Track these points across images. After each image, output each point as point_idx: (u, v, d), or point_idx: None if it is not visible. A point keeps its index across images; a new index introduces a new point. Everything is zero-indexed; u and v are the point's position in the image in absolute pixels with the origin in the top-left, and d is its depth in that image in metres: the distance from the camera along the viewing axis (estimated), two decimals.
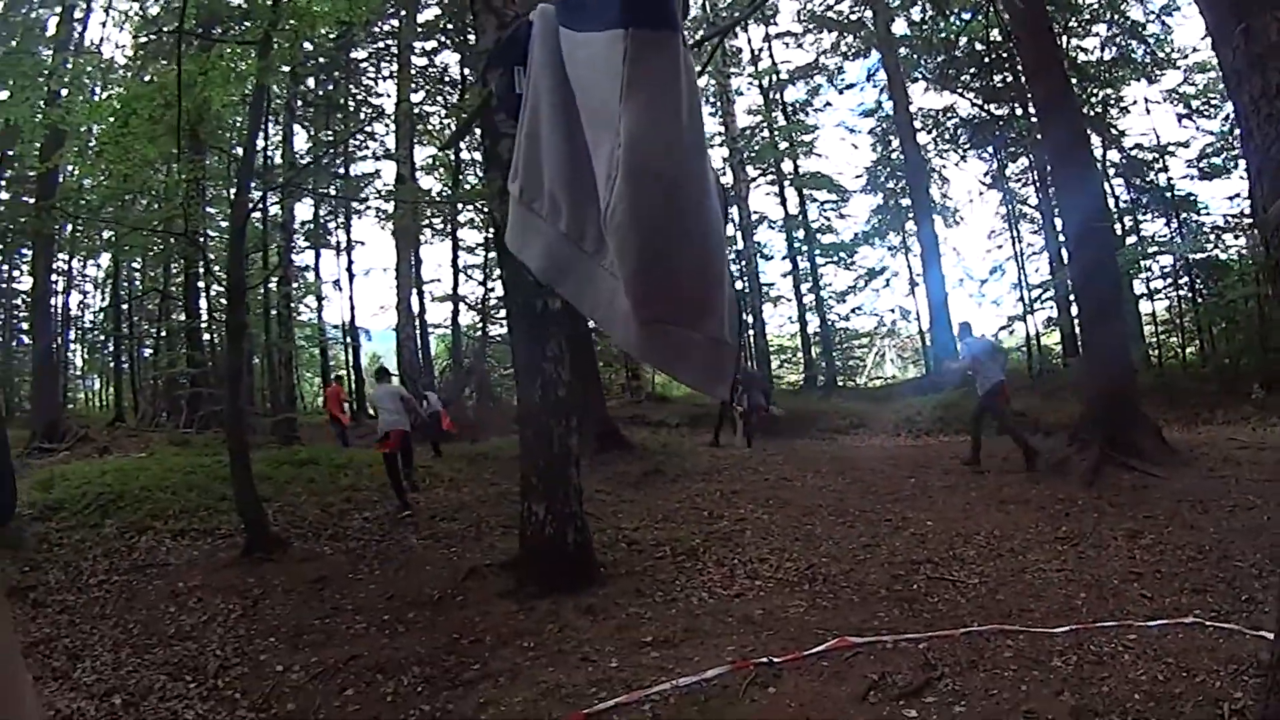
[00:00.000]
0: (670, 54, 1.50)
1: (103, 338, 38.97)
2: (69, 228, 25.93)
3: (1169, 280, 27.41)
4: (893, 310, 40.59)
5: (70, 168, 18.08)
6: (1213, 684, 5.79)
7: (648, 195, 1.49)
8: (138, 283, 37.15)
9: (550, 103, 1.84)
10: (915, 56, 32.22)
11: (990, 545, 10.39)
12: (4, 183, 30.97)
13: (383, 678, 7.45)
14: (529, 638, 8.17)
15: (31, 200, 23.84)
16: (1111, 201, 27.03)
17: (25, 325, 35.33)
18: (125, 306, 36.88)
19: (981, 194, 34.87)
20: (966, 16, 27.49)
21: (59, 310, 35.46)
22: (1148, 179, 27.91)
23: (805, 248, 38.08)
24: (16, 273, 36.41)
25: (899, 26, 32.93)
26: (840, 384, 36.58)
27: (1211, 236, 25.62)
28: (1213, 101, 26.05)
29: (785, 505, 13.26)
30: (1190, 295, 26.73)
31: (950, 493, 13.48)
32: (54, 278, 31.13)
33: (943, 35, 29.19)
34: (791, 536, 11.50)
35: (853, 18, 35.02)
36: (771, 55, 37.39)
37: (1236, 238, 25.13)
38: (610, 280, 1.69)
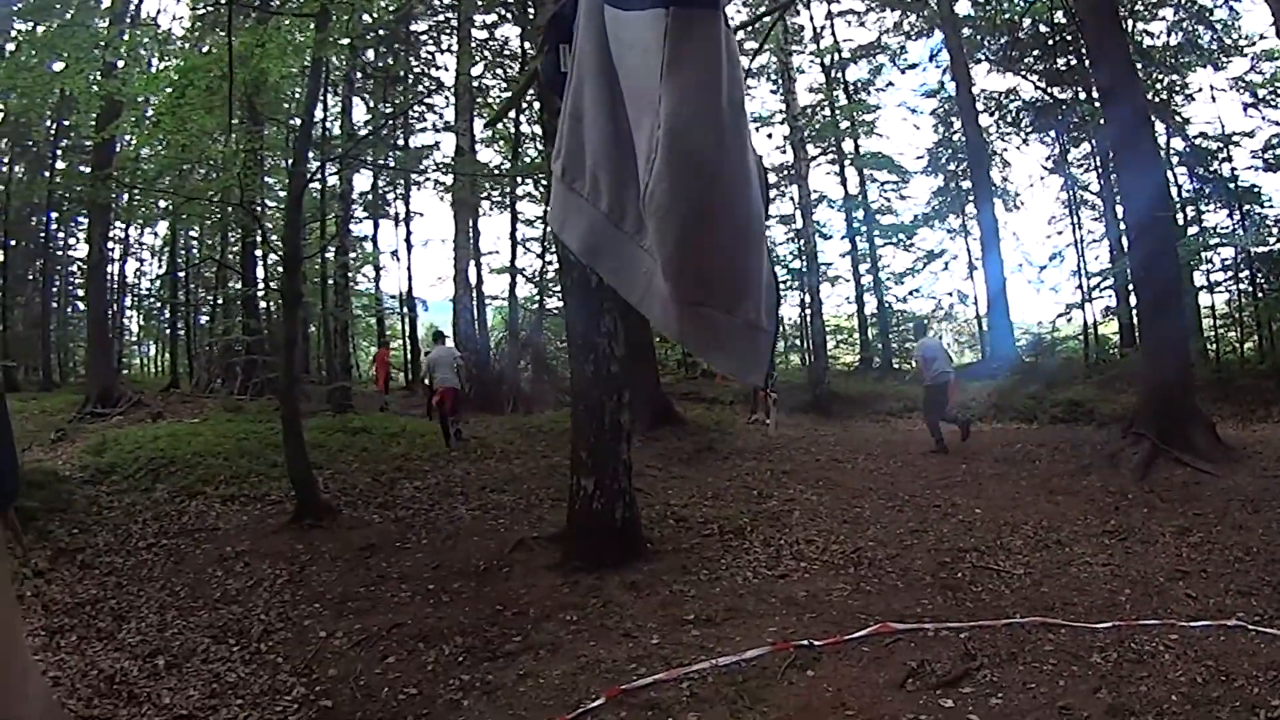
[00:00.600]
0: (711, 33, 1.48)
1: (159, 305, 39.38)
2: (125, 197, 26.20)
3: (1229, 273, 26.74)
4: (950, 294, 40.22)
5: (128, 137, 18.19)
6: (1251, 690, 5.75)
7: (686, 176, 1.48)
8: (195, 251, 37.59)
9: (594, 82, 1.84)
10: (978, 37, 31.84)
11: (1037, 536, 10.31)
12: (60, 152, 31.41)
13: (425, 646, 7.51)
14: (572, 611, 8.21)
15: (88, 169, 24.02)
16: (1174, 191, 26.55)
17: (81, 292, 35.73)
18: (182, 274, 37.32)
19: (1043, 179, 34.49)
20: None
21: (115, 278, 35.95)
22: (1211, 169, 27.40)
23: (864, 228, 37.87)
24: (73, 240, 36.95)
25: (962, 6, 32.41)
26: (896, 366, 36.24)
27: (1275, 230, 24.99)
28: None
29: (835, 487, 13.29)
30: (1251, 290, 26.11)
31: (1000, 481, 13.41)
32: (110, 246, 31.45)
33: (1006, 16, 28.89)
34: (840, 519, 11.52)
35: None
36: (833, 33, 36.95)
37: None
38: (649, 261, 1.69)
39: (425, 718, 6.15)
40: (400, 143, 35.23)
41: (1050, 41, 29.00)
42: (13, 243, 34.28)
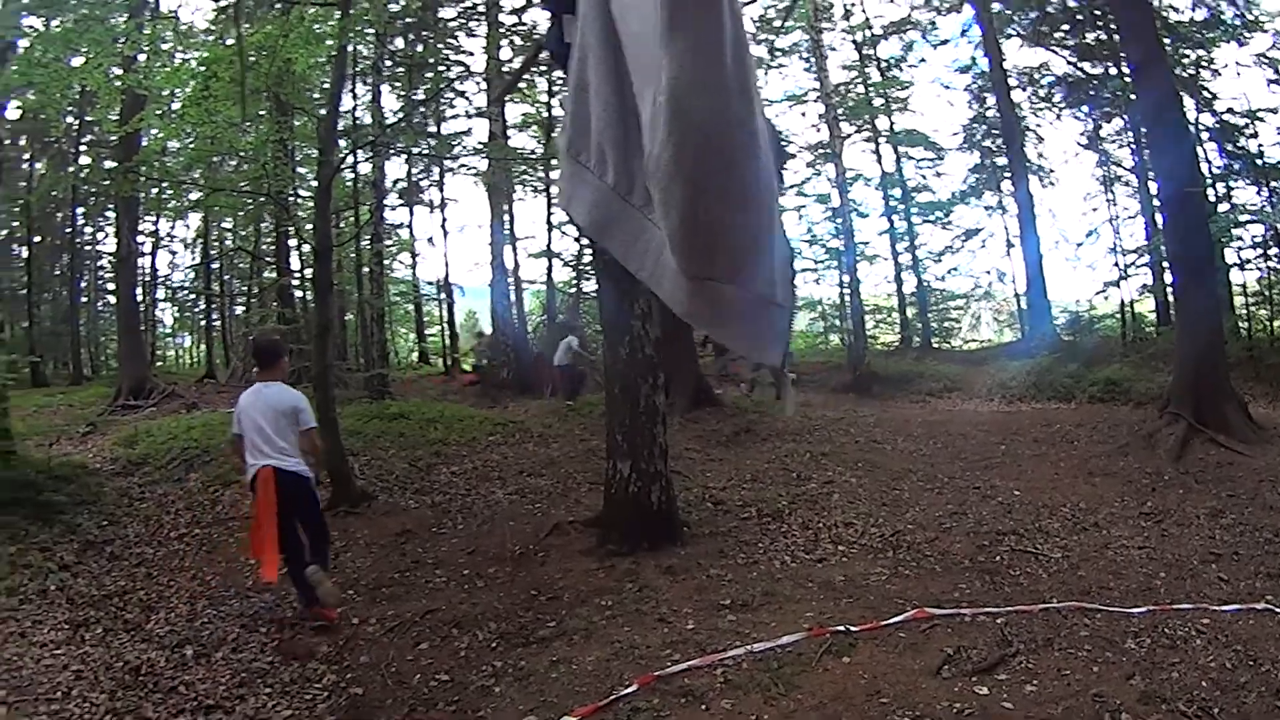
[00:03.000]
0: None
1: (193, 296, 39.63)
2: (154, 190, 26.29)
3: (1259, 251, 26.23)
4: (989, 271, 40.03)
5: (154, 130, 18.23)
6: (1277, 675, 5.73)
7: (690, 143, 1.45)
8: (229, 241, 37.93)
9: (598, 51, 1.80)
10: (1008, 12, 31.58)
11: (1075, 518, 10.29)
12: (84, 147, 31.61)
13: (458, 632, 7.50)
14: (607, 596, 8.18)
15: (113, 164, 24.07)
16: (1204, 167, 26.26)
17: (111, 286, 35.96)
18: (216, 265, 37.64)
19: (1077, 155, 34.36)
20: None
21: (147, 270, 36.45)
22: (1239, 145, 27.04)
23: (901, 206, 37.69)
24: (102, 235, 37.51)
25: None
26: (935, 345, 36.29)
27: None
28: None
29: (874, 469, 13.25)
30: None
31: (1039, 461, 13.39)
32: (141, 239, 31.68)
33: None
34: (879, 501, 11.48)
35: None
36: (864, 10, 36.86)
37: None
38: (658, 234, 1.66)
39: (456, 704, 6.15)
40: (432, 129, 35.17)
41: (1079, 16, 28.71)
42: (38, 239, 34.54)
